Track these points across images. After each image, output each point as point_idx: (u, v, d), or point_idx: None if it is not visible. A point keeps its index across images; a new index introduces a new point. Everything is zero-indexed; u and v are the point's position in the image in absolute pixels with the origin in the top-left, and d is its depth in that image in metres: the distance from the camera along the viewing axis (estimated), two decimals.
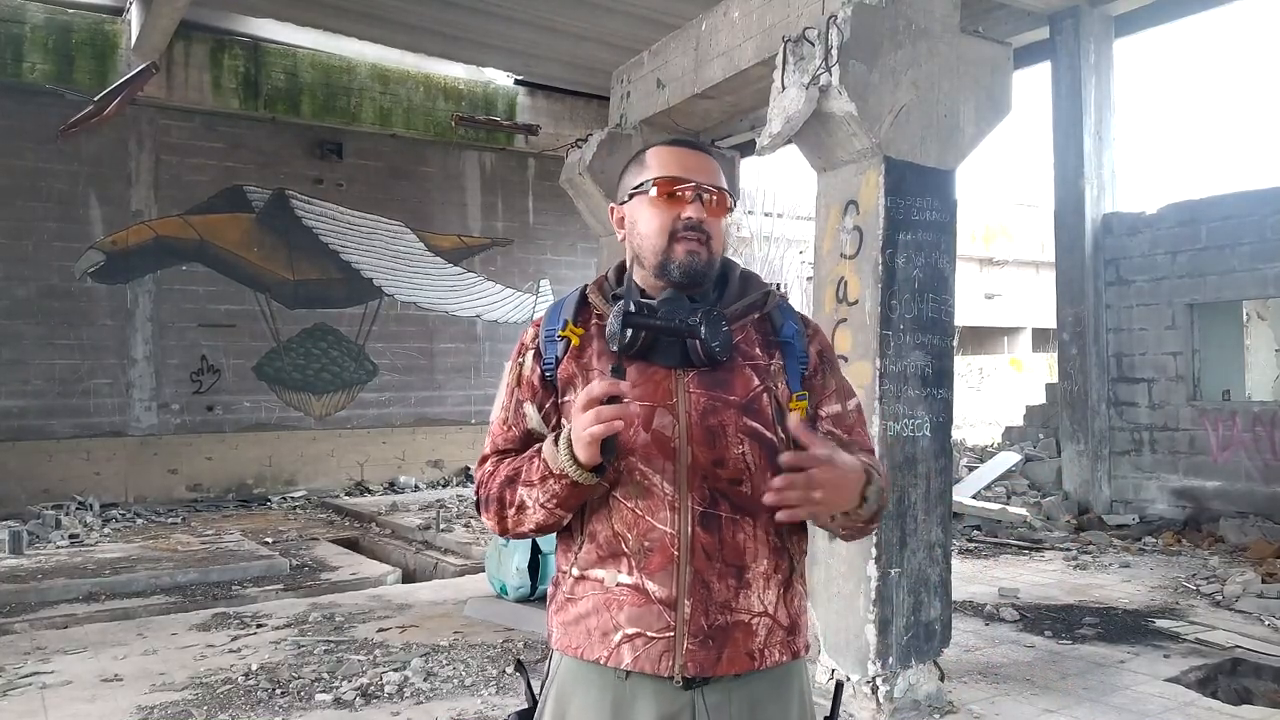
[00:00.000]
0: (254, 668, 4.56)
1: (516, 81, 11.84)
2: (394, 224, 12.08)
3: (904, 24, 4.05)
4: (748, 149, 10.51)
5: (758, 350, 1.58)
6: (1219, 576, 6.44)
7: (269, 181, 11.24)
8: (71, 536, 8.13)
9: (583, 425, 1.39)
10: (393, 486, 11.72)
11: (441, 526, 8.49)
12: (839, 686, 1.67)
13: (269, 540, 8.30)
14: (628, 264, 1.66)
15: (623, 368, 1.44)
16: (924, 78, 4.09)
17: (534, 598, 5.80)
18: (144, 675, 4.50)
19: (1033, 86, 47.80)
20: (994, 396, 20.84)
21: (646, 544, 1.49)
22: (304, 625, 5.38)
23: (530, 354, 1.63)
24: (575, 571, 1.56)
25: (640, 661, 1.47)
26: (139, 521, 9.40)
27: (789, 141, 4.23)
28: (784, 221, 18.97)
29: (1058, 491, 9.12)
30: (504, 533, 1.60)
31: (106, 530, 8.66)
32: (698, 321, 1.49)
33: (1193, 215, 8.44)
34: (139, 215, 10.52)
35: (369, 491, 11.41)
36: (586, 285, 1.66)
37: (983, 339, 23.79)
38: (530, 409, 1.62)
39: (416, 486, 11.73)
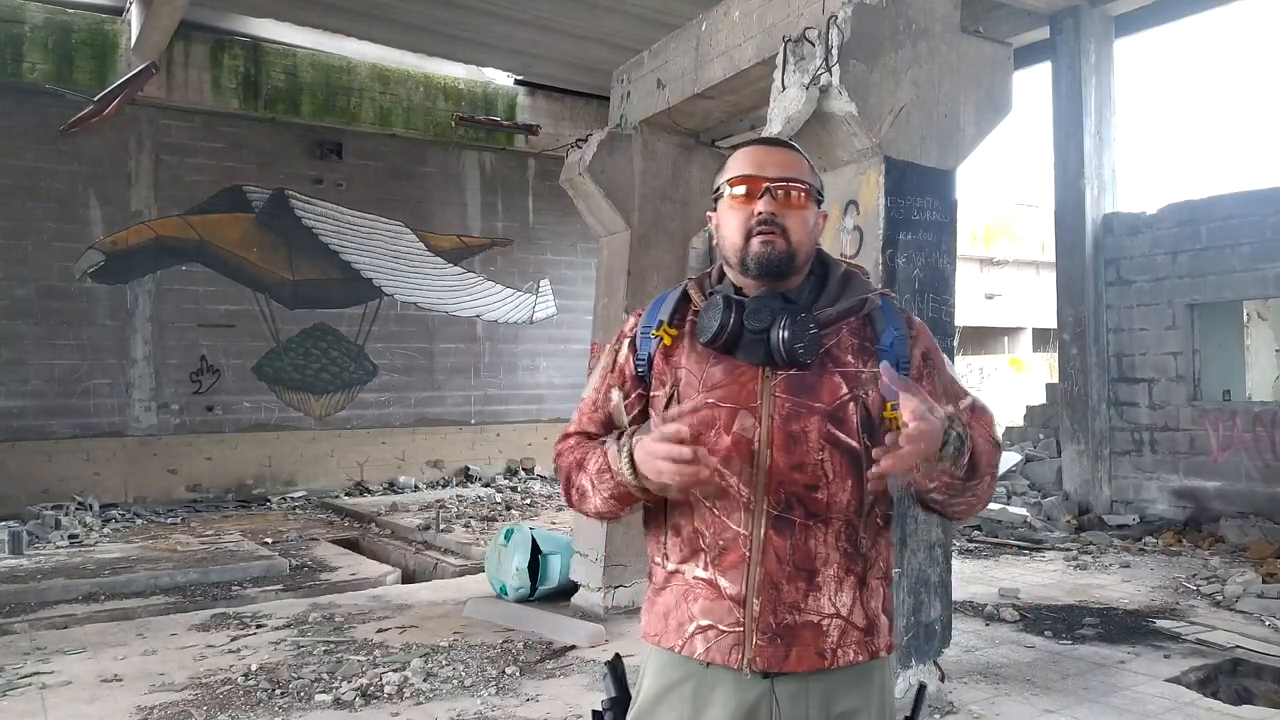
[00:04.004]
0: (254, 668, 4.56)
1: (516, 81, 11.85)
2: (394, 224, 12.08)
3: (904, 24, 4.04)
4: None
5: (851, 356, 1.56)
6: (1219, 577, 6.43)
7: (269, 181, 11.24)
8: (71, 537, 8.13)
9: (655, 470, 1.45)
10: (392, 487, 11.72)
11: (441, 527, 8.49)
12: (921, 688, 1.69)
13: (269, 540, 8.29)
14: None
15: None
16: (924, 77, 4.08)
17: (534, 598, 5.79)
18: (144, 675, 4.50)
19: (1033, 86, 47.70)
20: (994, 396, 20.82)
21: (721, 542, 1.53)
22: (304, 625, 5.38)
23: (626, 343, 1.69)
24: (668, 565, 1.61)
25: (712, 652, 1.52)
26: (139, 522, 9.40)
27: None
28: None
29: (1058, 491, 9.12)
30: (571, 507, 1.69)
31: (106, 530, 8.66)
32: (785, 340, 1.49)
33: (1193, 215, 8.43)
34: (139, 215, 10.51)
35: (369, 492, 11.40)
36: (689, 280, 1.69)
37: (983, 339, 23.78)
38: (616, 395, 1.68)
39: (416, 487, 11.72)
